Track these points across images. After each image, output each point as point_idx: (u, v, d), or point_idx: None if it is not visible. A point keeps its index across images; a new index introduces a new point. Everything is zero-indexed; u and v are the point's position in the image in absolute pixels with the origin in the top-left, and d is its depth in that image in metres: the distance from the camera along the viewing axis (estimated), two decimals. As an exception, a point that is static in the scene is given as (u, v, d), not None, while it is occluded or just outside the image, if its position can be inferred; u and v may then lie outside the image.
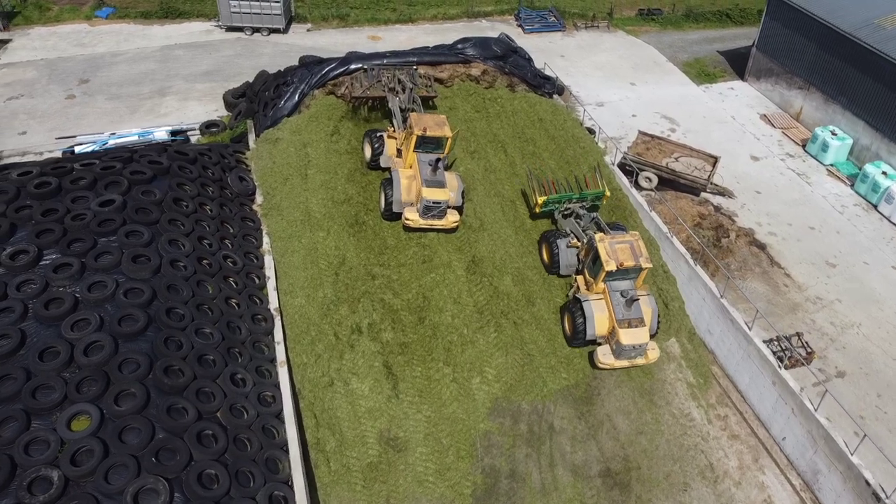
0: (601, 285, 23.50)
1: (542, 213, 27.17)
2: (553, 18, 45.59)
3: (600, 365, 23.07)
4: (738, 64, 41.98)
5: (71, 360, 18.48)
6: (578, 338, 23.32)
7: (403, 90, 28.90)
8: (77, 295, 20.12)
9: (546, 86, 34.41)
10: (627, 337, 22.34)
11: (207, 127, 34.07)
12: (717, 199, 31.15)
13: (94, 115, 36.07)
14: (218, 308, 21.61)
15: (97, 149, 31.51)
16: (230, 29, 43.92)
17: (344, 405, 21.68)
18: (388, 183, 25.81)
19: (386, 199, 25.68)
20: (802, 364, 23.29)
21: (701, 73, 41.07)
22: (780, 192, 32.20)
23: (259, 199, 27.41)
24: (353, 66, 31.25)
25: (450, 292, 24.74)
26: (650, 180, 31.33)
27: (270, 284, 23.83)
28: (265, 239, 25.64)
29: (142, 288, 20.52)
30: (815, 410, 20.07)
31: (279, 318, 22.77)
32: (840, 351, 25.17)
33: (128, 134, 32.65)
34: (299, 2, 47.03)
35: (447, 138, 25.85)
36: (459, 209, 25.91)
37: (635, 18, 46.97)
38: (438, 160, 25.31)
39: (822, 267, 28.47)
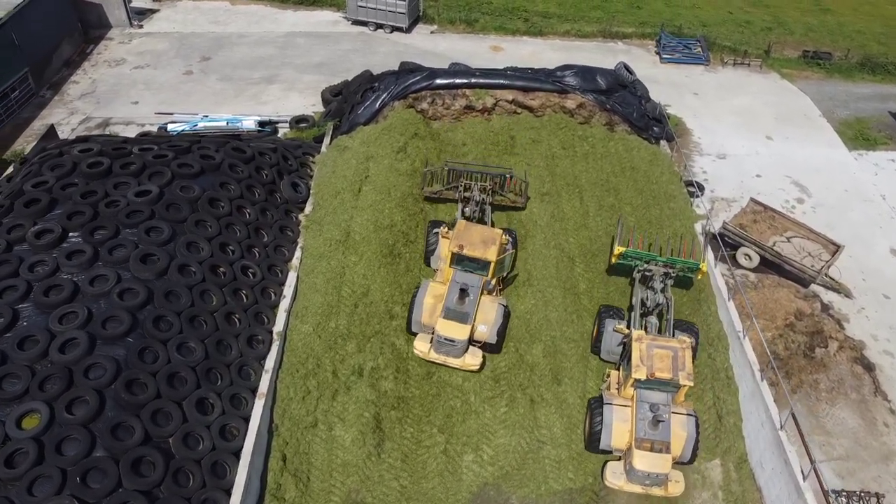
0: (630, 391, 19.91)
1: (619, 269, 23.86)
2: (699, 49, 40.69)
3: (607, 483, 19.37)
4: (911, 131, 35.08)
5: (46, 353, 18.37)
6: (592, 444, 19.98)
7: (477, 202, 25.10)
8: (79, 285, 20.06)
9: (654, 129, 30.47)
10: (642, 461, 18.61)
11: (297, 122, 33.72)
12: (828, 296, 25.82)
13: (202, 93, 37.02)
14: (214, 323, 20.75)
15: (187, 129, 32.21)
16: (356, 22, 43.54)
17: (321, 451, 20.03)
18: (415, 295, 22.46)
19: (408, 313, 22.40)
20: (874, 535, 18.45)
21: (858, 136, 34.64)
22: (919, 300, 26.17)
23: (308, 209, 26.38)
24: (437, 82, 29.45)
25: (469, 350, 22.32)
26: (749, 258, 26.62)
27: (283, 304, 22.64)
28: (297, 253, 24.53)
29: (138, 290, 20.07)
30: None
31: (279, 343, 21.51)
32: (937, 527, 19.76)
33: (218, 119, 33.07)
34: (433, 1, 45.71)
35: (490, 262, 21.89)
36: (494, 346, 21.91)
37: (797, 60, 40.70)
38: (465, 291, 21.49)
39: (946, 409, 22.65)
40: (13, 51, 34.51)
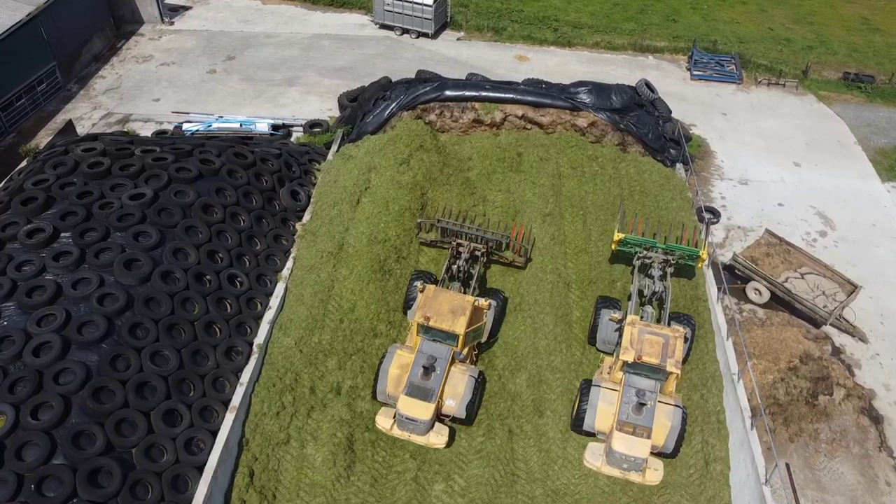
0: (619, 375, 20.32)
1: (620, 257, 24.37)
2: (732, 67, 39.10)
3: (585, 463, 19.64)
4: (955, 163, 32.96)
5: (21, 355, 18.49)
6: (576, 424, 20.29)
7: (467, 260, 23.53)
8: (62, 287, 20.15)
9: (670, 151, 29.32)
10: (620, 443, 18.96)
11: (311, 126, 33.57)
12: (841, 339, 24.38)
13: (222, 93, 37.21)
14: (193, 332, 20.64)
15: (201, 129, 32.34)
16: (382, 27, 43.22)
17: (290, 469, 19.73)
18: (382, 361, 20.97)
19: (374, 380, 20.93)
20: None
21: (895, 167, 32.79)
22: (941, 349, 24.49)
23: (307, 217, 26.12)
24: (447, 93, 28.91)
25: (450, 375, 21.73)
26: (759, 293, 25.31)
27: (268, 316, 22.39)
28: (289, 263, 24.28)
29: (118, 295, 20.08)
30: None
31: (258, 355, 21.25)
32: None
33: (232, 120, 33.12)
34: (462, 8, 45.08)
35: (458, 335, 20.10)
36: (465, 420, 20.31)
37: (836, 83, 38.72)
38: (429, 368, 19.72)
39: (958, 469, 21.08)
40: (41, 45, 35.23)
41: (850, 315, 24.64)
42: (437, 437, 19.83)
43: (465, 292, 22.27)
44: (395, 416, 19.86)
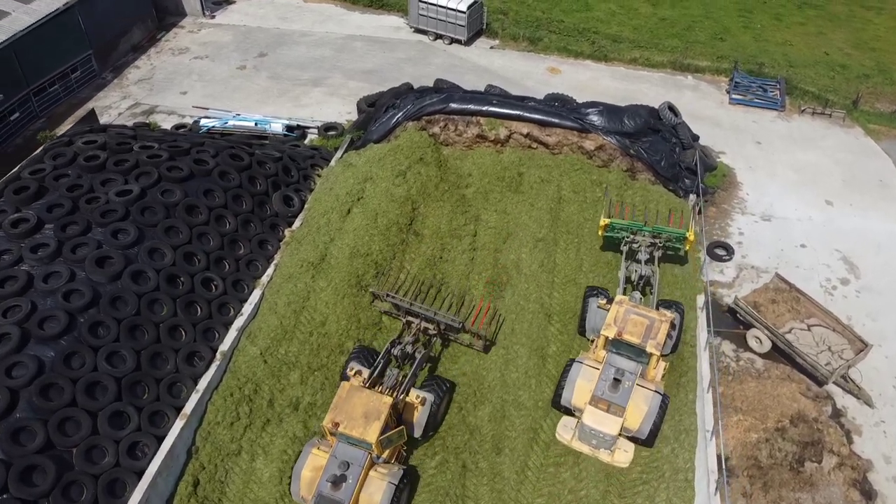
0: (601, 353, 20.67)
1: (610, 243, 24.74)
2: (776, 93, 36.78)
3: (557, 437, 20.04)
4: None
5: (-19, 345, 18.81)
6: (554, 398, 20.60)
7: (410, 343, 21.44)
8: (33, 279, 20.45)
9: (685, 180, 27.71)
10: (591, 417, 19.34)
11: (326, 129, 33.36)
12: (844, 400, 22.39)
13: (248, 90, 37.44)
14: (155, 334, 20.62)
15: (217, 126, 32.62)
16: (417, 31, 42.68)
17: (237, 482, 19.53)
18: (296, 459, 19.24)
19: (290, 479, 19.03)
20: None
21: (941, 213, 30.10)
22: (959, 421, 22.20)
23: (297, 224, 25.85)
24: (452, 106, 28.17)
25: (410, 402, 21.04)
26: (760, 342, 23.54)
27: (238, 323, 22.20)
28: (270, 270, 24.05)
29: (84, 291, 20.21)
30: None
31: (221, 362, 21.08)
32: None
33: (248, 119, 33.24)
34: (500, 16, 44.09)
35: (370, 443, 17.88)
36: None
37: (889, 116, 35.79)
38: (337, 479, 17.74)
39: (957, 560, 19.03)
40: (78, 33, 36.22)
41: (856, 375, 22.66)
42: None
43: (405, 378, 20.23)
44: None
